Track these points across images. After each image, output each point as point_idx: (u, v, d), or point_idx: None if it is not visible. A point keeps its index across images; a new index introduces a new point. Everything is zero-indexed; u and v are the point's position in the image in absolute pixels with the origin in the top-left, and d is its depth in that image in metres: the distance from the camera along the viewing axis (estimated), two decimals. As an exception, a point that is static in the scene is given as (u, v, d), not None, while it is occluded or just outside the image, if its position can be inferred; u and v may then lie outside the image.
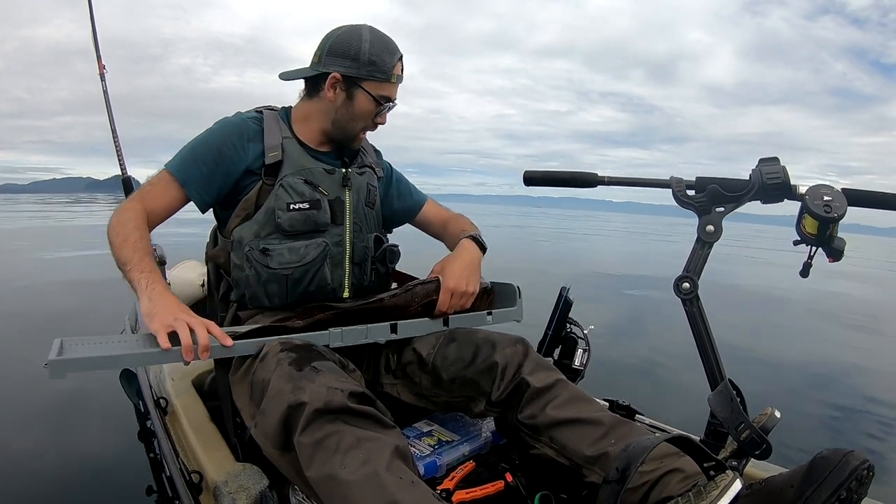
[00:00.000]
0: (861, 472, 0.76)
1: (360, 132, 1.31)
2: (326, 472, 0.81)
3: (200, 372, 1.57)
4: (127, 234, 1.13)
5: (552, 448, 1.05)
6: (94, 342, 0.99)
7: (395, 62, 1.24)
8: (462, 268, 1.28)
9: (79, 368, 0.93)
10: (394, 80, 1.26)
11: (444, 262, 1.31)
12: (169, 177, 1.22)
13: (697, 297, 1.05)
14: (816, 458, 0.79)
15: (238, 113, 1.31)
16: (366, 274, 1.36)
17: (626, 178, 1.24)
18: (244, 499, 0.99)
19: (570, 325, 1.47)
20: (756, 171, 1.05)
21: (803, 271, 1.07)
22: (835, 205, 0.96)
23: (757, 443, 0.93)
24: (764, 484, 0.85)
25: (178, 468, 1.19)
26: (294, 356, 0.99)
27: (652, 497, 0.91)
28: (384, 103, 1.27)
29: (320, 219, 1.26)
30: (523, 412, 1.10)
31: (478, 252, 1.35)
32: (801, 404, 3.13)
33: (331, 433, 0.84)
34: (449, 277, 1.26)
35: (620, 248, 17.82)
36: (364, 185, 1.36)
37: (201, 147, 1.24)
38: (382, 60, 1.22)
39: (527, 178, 1.30)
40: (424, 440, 1.24)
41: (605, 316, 5.17)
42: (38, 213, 21.18)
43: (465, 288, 1.27)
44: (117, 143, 2.02)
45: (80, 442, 2.11)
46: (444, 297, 1.25)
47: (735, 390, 0.99)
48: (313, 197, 1.25)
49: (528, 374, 1.12)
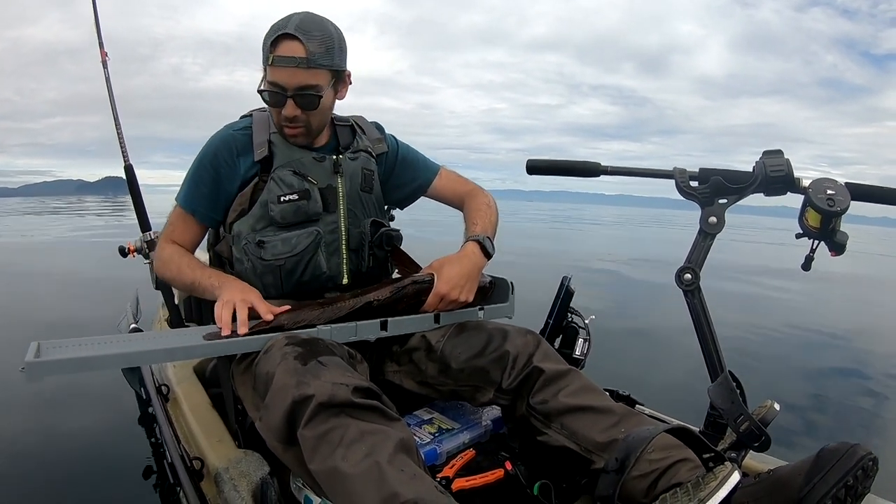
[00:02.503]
0: (866, 462, 0.78)
1: (280, 128, 1.25)
2: (329, 465, 0.81)
3: (202, 359, 1.57)
4: (178, 265, 1.25)
5: (563, 434, 1.06)
6: (74, 344, 0.97)
7: (271, 41, 1.14)
8: (459, 275, 1.19)
9: (56, 371, 0.92)
10: (273, 63, 1.14)
11: (442, 262, 1.21)
12: (182, 211, 1.29)
13: (699, 288, 1.05)
14: (823, 450, 0.81)
15: (227, 126, 1.31)
16: (363, 260, 1.34)
17: (629, 168, 1.23)
18: (245, 485, 0.99)
19: (571, 315, 1.47)
20: (759, 163, 1.05)
21: (805, 265, 1.07)
22: (838, 199, 0.96)
23: (756, 435, 0.94)
24: (771, 473, 0.86)
25: (180, 455, 1.19)
26: (299, 350, 0.99)
27: (661, 484, 0.91)
28: (268, 90, 1.18)
29: (311, 208, 1.25)
30: (535, 398, 1.10)
31: (481, 260, 1.25)
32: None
33: (335, 426, 0.84)
34: (443, 282, 1.17)
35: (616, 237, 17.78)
36: (358, 170, 1.34)
37: (198, 171, 1.27)
38: (265, 42, 1.15)
39: (530, 166, 1.30)
40: (425, 428, 1.24)
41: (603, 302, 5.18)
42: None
43: (458, 296, 1.18)
44: (119, 132, 2.01)
45: (78, 427, 2.12)
46: (433, 299, 1.18)
47: (735, 382, 0.99)
48: (302, 187, 1.24)
49: (540, 361, 1.13)
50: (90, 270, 6.44)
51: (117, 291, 2.89)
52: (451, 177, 1.49)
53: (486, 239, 1.26)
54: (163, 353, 0.98)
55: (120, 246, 1.87)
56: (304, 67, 1.14)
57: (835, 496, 0.76)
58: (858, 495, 0.79)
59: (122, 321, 2.30)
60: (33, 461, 1.88)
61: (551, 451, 1.08)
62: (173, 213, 1.31)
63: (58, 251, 8.94)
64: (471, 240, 1.26)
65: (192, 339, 1.07)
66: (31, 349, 0.91)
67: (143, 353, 0.96)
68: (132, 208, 1.95)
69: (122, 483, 1.79)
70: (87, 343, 0.97)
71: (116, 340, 1.02)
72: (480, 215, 1.34)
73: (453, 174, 1.50)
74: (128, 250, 1.87)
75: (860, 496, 0.80)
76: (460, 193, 1.46)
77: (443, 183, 1.48)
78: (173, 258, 1.26)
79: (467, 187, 1.47)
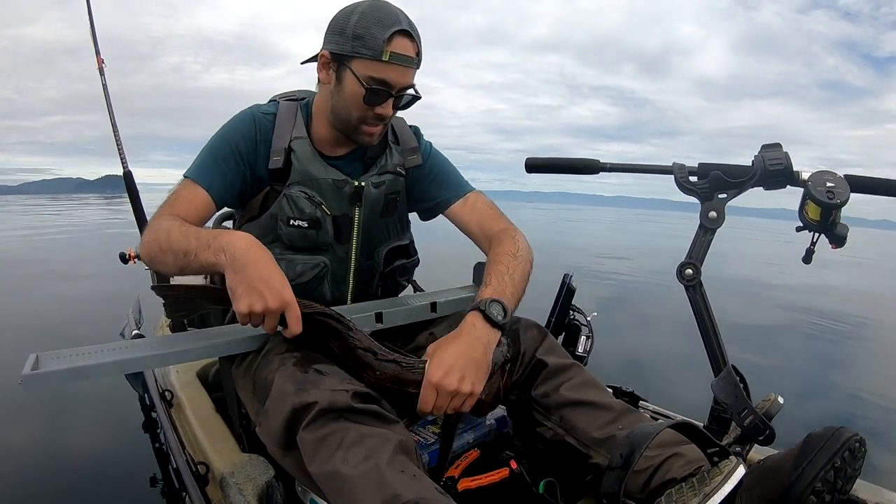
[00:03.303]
0: (853, 443, 0.79)
1: (358, 124, 1.11)
2: (328, 469, 0.81)
3: (205, 363, 1.57)
4: (168, 231, 0.99)
5: (561, 427, 1.06)
6: (72, 354, 0.97)
7: (386, 36, 1.02)
8: (455, 357, 0.93)
9: (54, 382, 0.91)
10: (387, 59, 1.03)
11: (438, 343, 0.98)
12: (192, 183, 1.10)
13: (700, 283, 1.05)
14: (810, 436, 0.82)
15: (255, 105, 1.20)
16: (371, 288, 1.28)
17: (628, 165, 1.23)
18: (251, 489, 0.99)
19: (574, 313, 1.47)
20: (759, 157, 1.05)
21: (806, 257, 1.07)
22: (837, 191, 0.96)
23: (760, 429, 0.94)
24: (761, 463, 0.86)
25: (185, 460, 1.19)
26: (298, 356, 0.97)
27: (654, 481, 0.92)
28: (374, 87, 1.05)
29: (320, 238, 1.17)
30: (537, 390, 1.10)
31: (485, 333, 0.98)
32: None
33: (334, 430, 0.84)
34: (435, 368, 0.92)
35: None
36: (381, 197, 1.21)
37: (219, 145, 1.13)
38: (370, 34, 1.02)
39: (528, 165, 1.30)
40: (429, 428, 1.24)
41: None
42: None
43: (457, 386, 0.92)
44: (118, 138, 2.02)
45: (83, 433, 2.13)
46: (427, 392, 0.93)
47: (738, 376, 0.99)
48: (313, 216, 1.14)
49: (544, 355, 1.12)
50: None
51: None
52: (480, 206, 1.27)
53: (493, 303, 1.01)
54: (155, 358, 0.99)
55: (121, 253, 1.88)
56: (415, 67, 1.09)
57: (823, 478, 0.76)
58: (849, 477, 0.80)
59: (124, 327, 2.31)
60: (37, 471, 1.88)
61: (550, 445, 1.08)
62: (179, 185, 1.11)
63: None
64: (472, 309, 1.02)
65: (188, 342, 1.07)
66: (29, 361, 0.92)
67: (136, 359, 0.97)
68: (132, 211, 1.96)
69: (127, 489, 1.80)
70: (85, 352, 0.97)
71: (114, 348, 1.03)
72: (498, 270, 1.10)
73: (486, 204, 1.28)
74: (128, 256, 1.88)
75: (850, 478, 0.80)
76: (487, 231, 1.23)
77: (467, 210, 1.26)
78: (165, 227, 1.00)
79: (498, 225, 1.24)
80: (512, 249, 1.15)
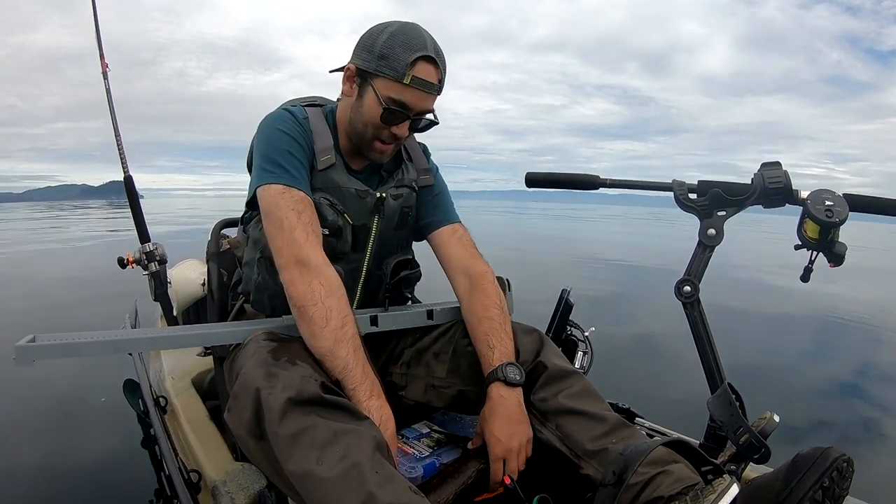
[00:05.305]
0: (840, 463, 0.79)
1: (372, 140, 1.13)
2: (304, 469, 0.80)
3: (200, 371, 1.57)
4: (328, 314, 0.98)
5: (556, 435, 1.06)
6: (67, 337, 1.00)
7: (410, 60, 1.04)
8: (501, 429, 1.05)
9: (45, 356, 0.95)
10: (407, 82, 1.05)
11: (481, 425, 1.09)
12: (298, 193, 1.08)
13: (699, 300, 1.05)
14: (798, 456, 0.82)
15: (287, 103, 1.21)
16: (376, 298, 1.29)
17: (628, 181, 1.24)
18: (243, 498, 0.99)
19: (571, 328, 1.47)
20: (758, 175, 1.05)
21: (804, 276, 1.07)
22: (836, 209, 0.97)
23: (756, 447, 0.93)
24: (750, 483, 0.87)
25: (177, 467, 1.19)
26: (274, 345, 0.98)
27: (642, 497, 0.91)
28: (392, 107, 1.07)
29: (339, 247, 1.17)
30: (536, 395, 1.10)
31: (515, 396, 1.08)
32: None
33: (307, 427, 0.83)
34: (494, 445, 1.05)
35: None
36: (398, 209, 1.24)
37: (284, 144, 1.11)
38: (395, 55, 1.04)
39: (529, 180, 1.30)
40: (423, 441, 1.23)
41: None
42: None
43: (517, 446, 1.05)
44: (119, 142, 2.02)
45: (82, 448, 2.10)
46: (497, 466, 1.05)
47: (734, 394, 0.99)
48: (336, 224, 1.15)
49: (544, 358, 1.13)
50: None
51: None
52: (465, 240, 1.30)
53: (508, 367, 1.09)
54: (147, 341, 1.00)
55: (119, 257, 1.87)
56: (436, 93, 1.11)
57: (812, 498, 0.77)
58: (836, 497, 0.80)
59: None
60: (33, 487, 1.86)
61: (543, 450, 1.08)
62: (286, 203, 1.05)
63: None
64: (492, 381, 1.09)
65: (179, 331, 1.07)
66: (25, 338, 0.93)
67: (128, 340, 0.99)
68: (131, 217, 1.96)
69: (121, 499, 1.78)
70: (80, 336, 0.99)
71: (107, 334, 1.04)
72: (494, 329, 1.15)
73: (469, 240, 1.31)
74: (127, 261, 1.87)
75: (838, 498, 0.80)
76: (467, 267, 1.25)
77: (453, 239, 1.29)
78: (340, 312, 0.99)
79: (477, 266, 1.25)
80: (497, 302, 1.19)
